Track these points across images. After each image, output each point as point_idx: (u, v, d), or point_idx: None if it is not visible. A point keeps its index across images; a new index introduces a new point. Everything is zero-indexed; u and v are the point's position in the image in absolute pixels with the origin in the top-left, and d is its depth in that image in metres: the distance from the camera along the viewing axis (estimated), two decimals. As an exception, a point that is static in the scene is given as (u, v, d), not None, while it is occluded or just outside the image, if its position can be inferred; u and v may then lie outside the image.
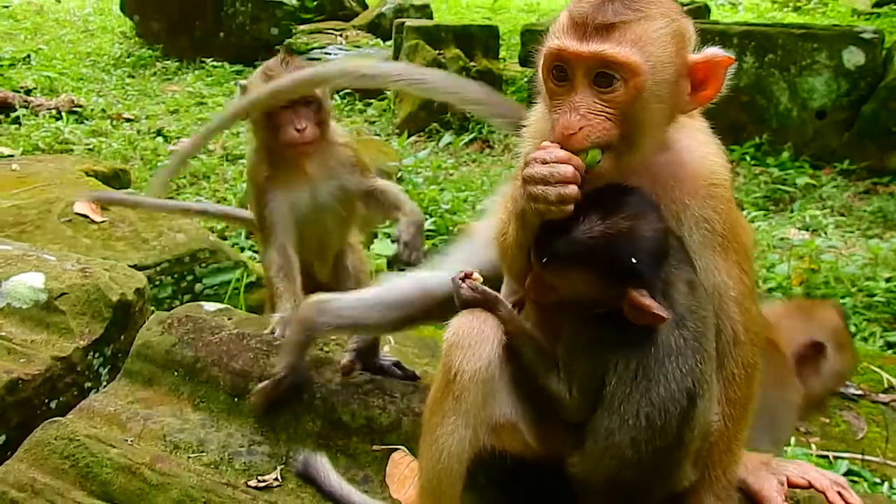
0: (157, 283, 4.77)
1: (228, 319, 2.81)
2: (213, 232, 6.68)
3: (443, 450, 1.92)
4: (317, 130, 3.05)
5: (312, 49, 11.84)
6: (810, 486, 2.17)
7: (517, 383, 2.01)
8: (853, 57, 8.36)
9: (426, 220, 5.92)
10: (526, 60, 9.86)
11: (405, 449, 2.34)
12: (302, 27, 12.72)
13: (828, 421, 3.79)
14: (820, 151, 8.45)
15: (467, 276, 2.02)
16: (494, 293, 2.00)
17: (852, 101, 8.34)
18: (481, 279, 2.02)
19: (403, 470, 2.27)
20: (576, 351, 1.95)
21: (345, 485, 2.25)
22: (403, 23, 10.21)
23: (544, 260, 1.88)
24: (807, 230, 7.03)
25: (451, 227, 6.68)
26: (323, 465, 2.29)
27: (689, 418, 1.90)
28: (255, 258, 6.30)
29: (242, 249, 6.47)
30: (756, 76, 8.64)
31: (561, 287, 1.91)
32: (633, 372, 1.88)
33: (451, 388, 1.91)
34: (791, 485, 2.15)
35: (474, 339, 1.91)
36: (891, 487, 3.28)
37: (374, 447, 2.36)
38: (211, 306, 2.91)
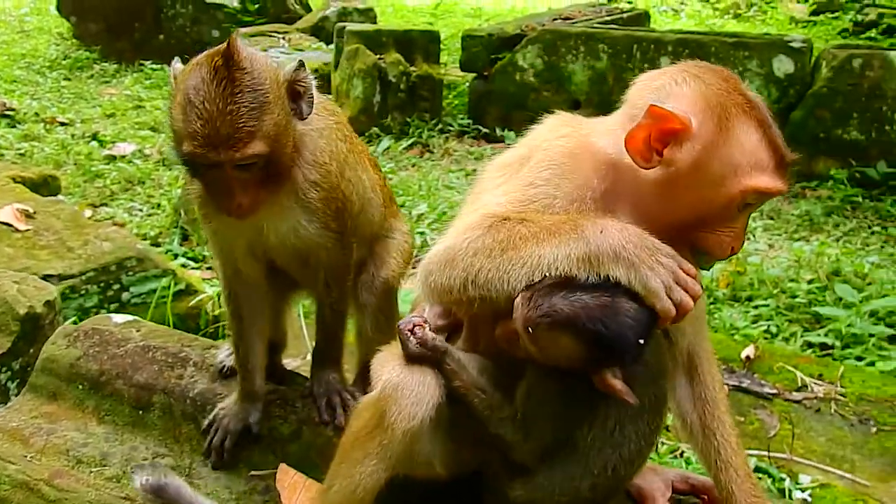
0: (83, 292, 4.72)
1: (137, 332, 2.81)
2: (145, 238, 6.64)
3: (359, 485, 1.97)
4: (264, 196, 2.22)
5: (254, 52, 11.75)
6: (692, 487, 2.27)
7: (447, 427, 2.03)
8: (783, 65, 8.56)
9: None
10: (467, 65, 9.91)
11: (286, 465, 2.36)
12: (243, 30, 12.59)
13: (742, 419, 3.90)
14: (751, 156, 8.65)
15: (416, 327, 1.97)
16: (444, 345, 1.97)
17: (782, 108, 8.51)
18: (429, 327, 1.99)
19: (293, 477, 2.29)
20: (543, 402, 1.92)
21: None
22: (345, 27, 10.19)
23: (537, 320, 1.79)
24: (736, 233, 7.19)
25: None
26: (175, 488, 2.26)
27: (644, 462, 1.99)
28: (188, 265, 6.26)
29: (175, 256, 6.41)
30: (690, 83, 8.81)
31: (540, 349, 1.84)
32: (609, 430, 1.89)
33: (378, 435, 1.94)
34: (675, 489, 2.25)
35: (412, 399, 1.91)
36: (796, 483, 3.39)
37: (252, 473, 2.38)
38: (120, 318, 2.90)
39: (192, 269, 6.20)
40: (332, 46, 10.49)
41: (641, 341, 1.75)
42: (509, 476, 1.98)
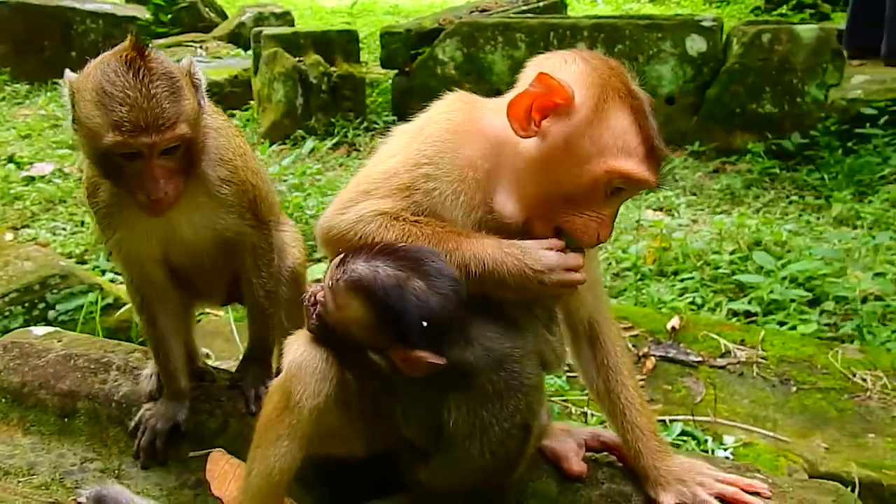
0: (7, 313, 4.66)
1: (58, 342, 2.80)
2: (70, 257, 6.51)
3: (274, 466, 2.01)
4: (182, 183, 2.23)
5: (172, 63, 11.57)
6: (603, 445, 2.35)
7: (353, 405, 2.06)
8: (695, 44, 8.77)
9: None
10: (387, 62, 9.93)
11: (223, 450, 2.39)
12: (159, 41, 12.39)
13: (669, 388, 4.01)
14: (672, 135, 8.82)
15: (318, 304, 1.99)
16: None
17: (697, 86, 8.74)
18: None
19: (223, 466, 2.31)
20: (405, 385, 1.96)
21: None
22: (261, 31, 10.10)
23: (337, 275, 1.86)
24: (661, 211, 7.37)
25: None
26: (119, 494, 2.28)
27: (527, 442, 2.01)
28: (116, 280, 6.16)
29: (103, 272, 6.31)
30: (607, 67, 8.98)
31: (336, 307, 1.90)
32: (465, 413, 1.93)
33: (287, 416, 1.98)
34: (588, 447, 2.33)
35: (316, 377, 1.96)
36: (720, 444, 3.51)
37: (191, 454, 2.41)
38: (40, 330, 2.88)
39: (121, 283, 6.10)
40: (250, 52, 10.40)
41: (425, 324, 1.80)
42: (414, 459, 2.04)
